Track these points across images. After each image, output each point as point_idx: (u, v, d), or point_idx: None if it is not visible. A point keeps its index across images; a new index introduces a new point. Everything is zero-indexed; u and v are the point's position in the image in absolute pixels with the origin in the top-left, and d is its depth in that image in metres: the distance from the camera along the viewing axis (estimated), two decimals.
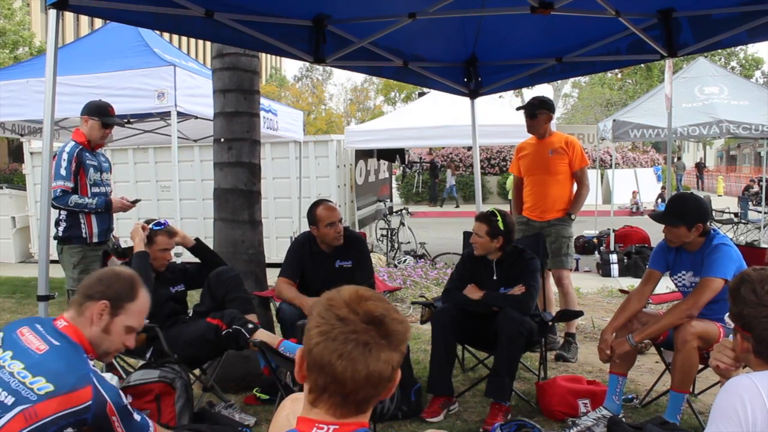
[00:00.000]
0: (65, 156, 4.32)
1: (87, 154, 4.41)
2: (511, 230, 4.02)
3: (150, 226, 3.87)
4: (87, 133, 4.45)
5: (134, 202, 4.63)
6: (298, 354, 1.30)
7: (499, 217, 3.95)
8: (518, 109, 5.52)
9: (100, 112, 4.44)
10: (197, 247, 4.08)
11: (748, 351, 1.83)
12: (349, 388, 1.23)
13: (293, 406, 1.52)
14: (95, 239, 4.40)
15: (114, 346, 2.25)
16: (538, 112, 5.12)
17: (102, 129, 4.45)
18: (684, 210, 3.44)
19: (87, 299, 2.18)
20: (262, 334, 3.53)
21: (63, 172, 4.28)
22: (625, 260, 8.88)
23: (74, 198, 4.29)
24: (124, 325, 2.23)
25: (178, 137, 6.20)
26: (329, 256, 4.15)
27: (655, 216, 3.64)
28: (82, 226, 4.37)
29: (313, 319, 1.27)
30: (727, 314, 1.97)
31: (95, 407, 1.96)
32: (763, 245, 9.50)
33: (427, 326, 4.36)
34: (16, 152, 24.27)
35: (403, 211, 11.35)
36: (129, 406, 2.06)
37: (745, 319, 1.84)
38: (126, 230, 4.15)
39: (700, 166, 36.36)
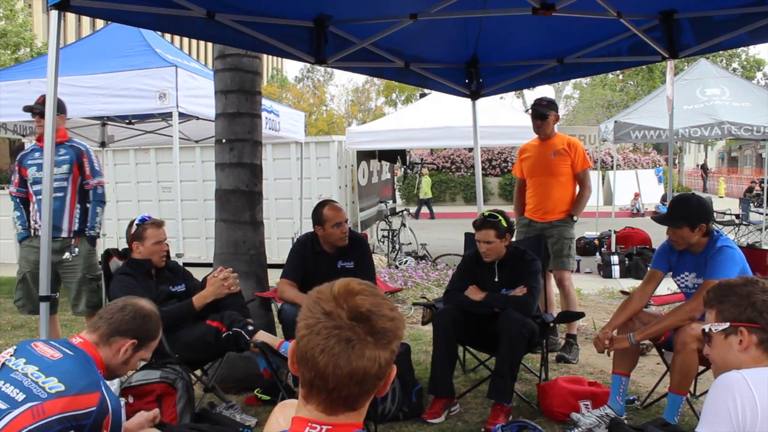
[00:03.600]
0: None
1: (35, 153, 4.55)
2: (512, 224, 4.06)
3: (135, 222, 3.86)
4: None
5: None
6: (291, 346, 1.28)
7: (499, 217, 3.96)
8: (527, 111, 5.54)
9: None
10: None
11: (753, 345, 1.83)
12: (332, 385, 1.19)
13: (283, 411, 1.52)
14: (39, 233, 4.52)
15: (124, 372, 2.46)
16: (548, 112, 5.14)
17: (34, 119, 4.55)
18: (687, 211, 3.44)
19: (116, 333, 2.32)
20: (262, 336, 3.53)
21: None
22: (627, 261, 8.87)
23: (13, 214, 4.73)
24: (141, 358, 2.44)
25: (180, 138, 6.20)
26: (331, 256, 4.15)
27: (658, 218, 3.62)
28: (32, 219, 4.64)
29: (302, 311, 1.26)
30: (711, 324, 1.95)
31: (96, 414, 2.01)
32: (764, 247, 9.49)
33: (428, 327, 4.36)
34: (17, 153, 24.30)
35: (404, 212, 11.35)
36: (123, 428, 2.16)
37: (755, 308, 1.84)
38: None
39: (705, 168, 36.31)
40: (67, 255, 4.52)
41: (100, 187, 4.66)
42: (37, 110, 4.41)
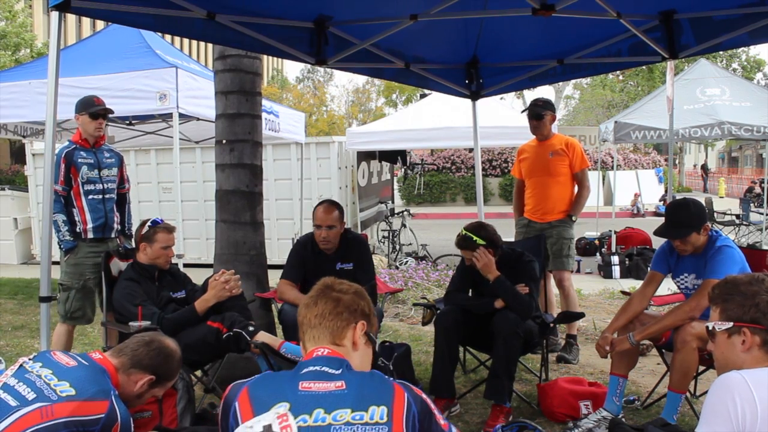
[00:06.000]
0: (56, 159, 4.41)
1: (81, 152, 4.44)
2: (492, 234, 3.94)
3: (148, 223, 3.87)
4: (81, 130, 4.48)
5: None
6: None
7: (473, 237, 3.88)
8: (523, 111, 5.54)
9: (85, 106, 4.44)
10: None
11: (756, 346, 1.83)
12: (317, 311, 1.85)
13: None
14: (90, 234, 4.42)
15: (136, 405, 2.44)
16: (544, 113, 5.13)
17: (93, 121, 4.43)
18: (689, 217, 3.42)
19: (137, 366, 2.34)
20: (263, 336, 3.53)
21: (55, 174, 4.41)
22: (627, 262, 8.88)
23: (59, 216, 4.33)
24: (154, 395, 2.44)
25: (180, 139, 6.21)
26: (330, 258, 4.14)
27: (662, 233, 3.53)
28: (77, 221, 4.42)
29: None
30: (714, 322, 1.94)
31: (105, 421, 2.04)
32: (764, 247, 9.49)
33: (428, 328, 4.37)
34: (18, 153, 24.30)
35: (405, 213, 11.35)
36: None
37: (759, 309, 1.84)
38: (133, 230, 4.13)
39: (705, 168, 36.32)
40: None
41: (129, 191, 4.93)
42: (101, 113, 4.44)
